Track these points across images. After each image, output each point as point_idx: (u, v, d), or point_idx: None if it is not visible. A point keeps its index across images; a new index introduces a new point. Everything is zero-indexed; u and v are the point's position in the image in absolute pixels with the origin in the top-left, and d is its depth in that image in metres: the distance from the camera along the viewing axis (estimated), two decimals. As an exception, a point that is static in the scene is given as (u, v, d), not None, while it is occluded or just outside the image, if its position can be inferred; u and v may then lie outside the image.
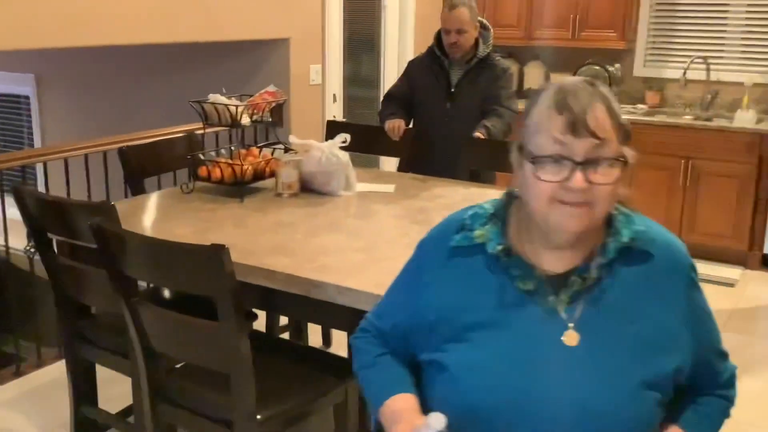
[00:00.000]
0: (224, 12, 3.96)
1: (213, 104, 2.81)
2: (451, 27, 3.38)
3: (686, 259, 1.29)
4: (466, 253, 1.30)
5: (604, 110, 1.17)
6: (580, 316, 1.23)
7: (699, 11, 5.32)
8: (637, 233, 1.26)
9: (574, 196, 1.17)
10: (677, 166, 4.88)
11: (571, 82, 1.20)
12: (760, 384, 3.39)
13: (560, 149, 1.16)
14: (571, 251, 1.24)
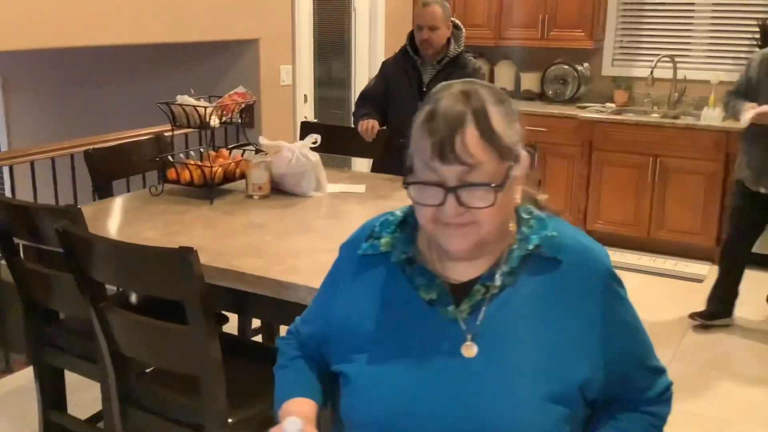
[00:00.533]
0: (192, 13, 3.93)
1: (181, 106, 2.79)
2: (424, 23, 3.40)
3: (603, 267, 1.21)
4: (373, 262, 1.27)
5: (475, 132, 1.10)
6: (479, 327, 1.18)
7: (665, 10, 5.39)
8: (544, 239, 1.20)
9: (455, 219, 1.12)
10: (645, 163, 4.94)
11: (445, 100, 1.13)
12: (728, 380, 3.45)
13: (431, 175, 1.12)
14: (475, 260, 1.20)
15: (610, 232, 5.20)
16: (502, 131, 1.12)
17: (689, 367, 3.52)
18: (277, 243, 2.30)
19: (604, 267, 1.21)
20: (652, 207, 4.96)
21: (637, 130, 4.97)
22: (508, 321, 1.18)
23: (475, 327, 1.18)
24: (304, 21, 4.70)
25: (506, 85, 5.86)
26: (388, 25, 5.40)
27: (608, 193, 5.15)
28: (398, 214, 1.29)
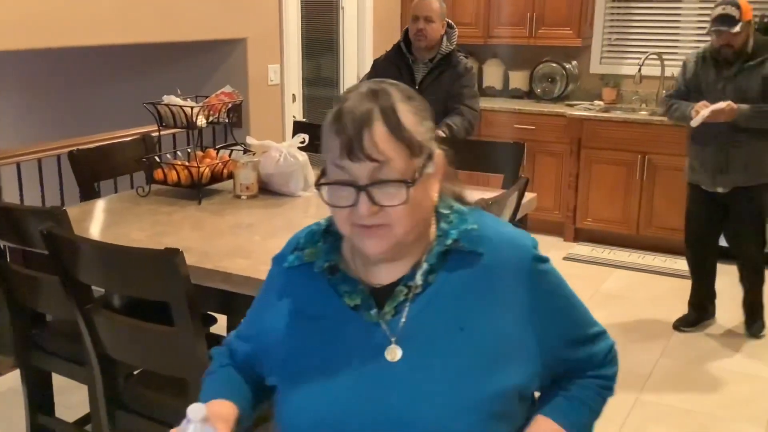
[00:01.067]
0: (179, 12, 3.91)
1: (168, 106, 2.77)
2: (420, 13, 3.42)
3: (528, 252, 1.19)
4: (299, 274, 1.25)
5: (383, 128, 1.09)
6: (402, 329, 1.15)
7: (653, 8, 5.41)
8: (463, 233, 1.17)
9: (367, 220, 1.10)
10: (634, 161, 4.95)
11: (352, 100, 1.11)
12: (717, 376, 3.46)
13: (342, 174, 1.10)
14: (401, 261, 1.17)
15: (599, 229, 5.22)
16: (411, 127, 1.11)
17: (678, 364, 3.54)
18: (265, 243, 2.29)
19: (527, 254, 1.19)
20: (641, 204, 4.97)
21: (625, 128, 4.99)
22: (431, 321, 1.15)
23: (399, 329, 1.16)
24: (292, 20, 4.68)
25: (495, 84, 5.86)
26: (376, 23, 5.39)
27: (597, 191, 5.16)
28: (322, 223, 1.27)
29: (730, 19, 3.26)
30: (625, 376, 3.48)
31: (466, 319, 1.15)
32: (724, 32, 3.29)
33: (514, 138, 4.30)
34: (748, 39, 3.36)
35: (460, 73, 3.49)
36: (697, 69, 3.51)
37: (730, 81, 3.40)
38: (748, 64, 3.38)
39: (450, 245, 1.17)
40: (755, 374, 3.46)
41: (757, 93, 3.36)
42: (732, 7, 3.27)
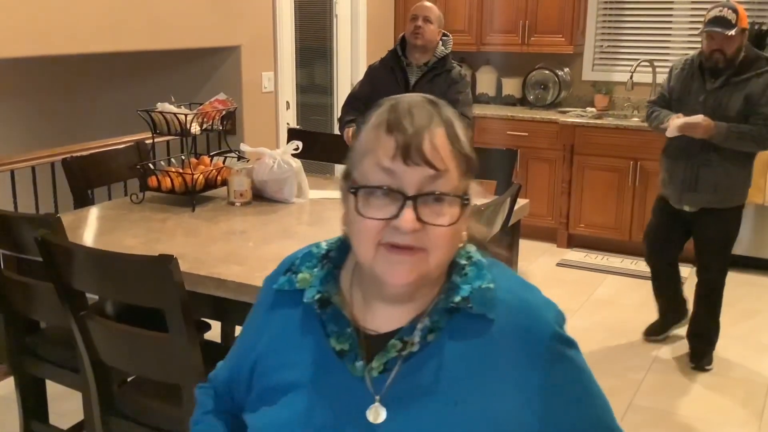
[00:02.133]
0: (172, 20, 3.93)
1: (161, 113, 2.78)
2: (420, 13, 3.47)
3: (547, 328, 1.02)
4: (289, 300, 1.10)
5: (445, 136, 0.97)
6: (389, 389, 1.00)
7: (644, 15, 5.45)
8: (476, 292, 1.01)
9: (404, 239, 0.95)
10: (626, 167, 4.98)
11: (408, 100, 1.00)
12: (708, 381, 3.48)
13: (388, 179, 0.95)
14: (405, 307, 1.03)
15: (592, 235, 5.24)
16: (465, 144, 1.00)
17: (671, 368, 3.55)
18: (258, 249, 2.30)
19: (547, 329, 1.02)
20: (633, 210, 5.00)
21: (617, 134, 5.02)
22: (423, 388, 1.00)
23: (384, 389, 1.01)
24: (286, 27, 4.70)
25: (488, 91, 5.89)
26: (369, 31, 5.41)
27: (590, 197, 5.18)
28: (323, 246, 1.13)
29: (727, 21, 3.12)
30: (617, 382, 3.52)
31: (463, 392, 1.00)
32: (718, 34, 3.14)
33: (507, 144, 4.33)
34: (739, 49, 3.21)
35: (455, 80, 3.52)
36: (682, 76, 3.39)
37: (712, 94, 3.26)
38: (733, 79, 3.22)
39: (458, 303, 1.01)
40: (747, 378, 3.48)
41: (737, 111, 3.21)
42: (729, 10, 3.15)
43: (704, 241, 3.49)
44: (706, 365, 3.54)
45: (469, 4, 5.61)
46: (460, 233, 1.01)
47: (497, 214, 2.36)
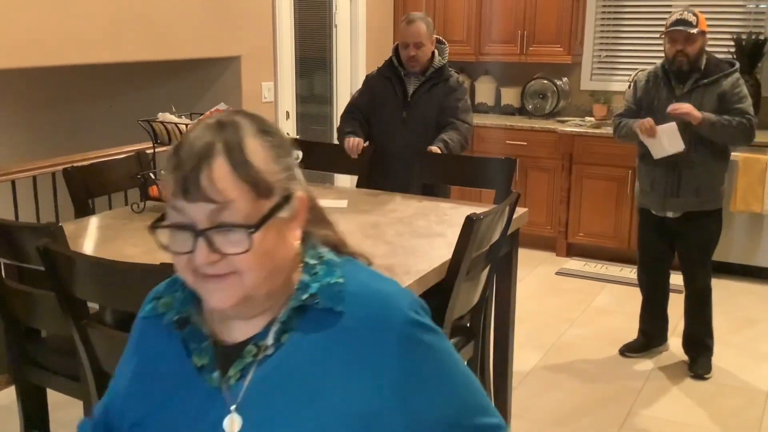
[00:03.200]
0: (172, 30, 3.95)
1: (162, 123, 2.80)
2: (409, 40, 3.46)
3: (399, 314, 1.01)
4: (154, 326, 1.11)
5: (226, 165, 0.94)
6: (245, 396, 1.00)
7: (641, 25, 5.49)
8: (324, 288, 1.02)
9: (207, 269, 0.96)
10: (625, 176, 5.00)
11: (194, 135, 0.97)
12: (708, 389, 3.48)
13: (179, 216, 0.96)
14: (260, 317, 1.03)
15: (591, 244, 5.25)
16: (261, 165, 0.96)
17: (669, 377, 3.56)
18: (259, 258, 2.31)
19: (399, 315, 1.01)
20: (632, 219, 5.01)
21: (615, 144, 4.97)
22: (278, 389, 1.00)
23: (240, 396, 1.01)
24: (286, 38, 4.73)
25: (486, 100, 5.92)
26: (369, 41, 5.44)
27: (589, 206, 5.20)
28: None
29: (688, 22, 3.26)
30: (616, 390, 3.53)
31: (319, 388, 0.99)
32: (680, 32, 3.24)
33: (506, 154, 4.34)
34: (701, 53, 3.31)
35: (453, 87, 3.54)
36: (649, 87, 3.44)
37: (684, 99, 3.31)
38: (701, 81, 3.31)
39: (305, 301, 1.02)
40: (746, 386, 3.48)
41: (712, 111, 3.28)
42: (690, 13, 3.29)
43: (688, 248, 3.53)
44: (704, 374, 3.54)
45: (468, 14, 5.65)
46: (276, 249, 0.98)
47: (496, 222, 2.38)
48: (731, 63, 3.41)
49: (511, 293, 2.94)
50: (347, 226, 2.71)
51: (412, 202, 3.06)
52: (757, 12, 5.11)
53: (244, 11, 4.37)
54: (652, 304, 3.75)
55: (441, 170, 3.38)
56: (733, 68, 3.36)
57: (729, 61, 3.43)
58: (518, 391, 3.35)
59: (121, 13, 3.68)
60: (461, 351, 2.52)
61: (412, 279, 2.10)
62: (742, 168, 4.59)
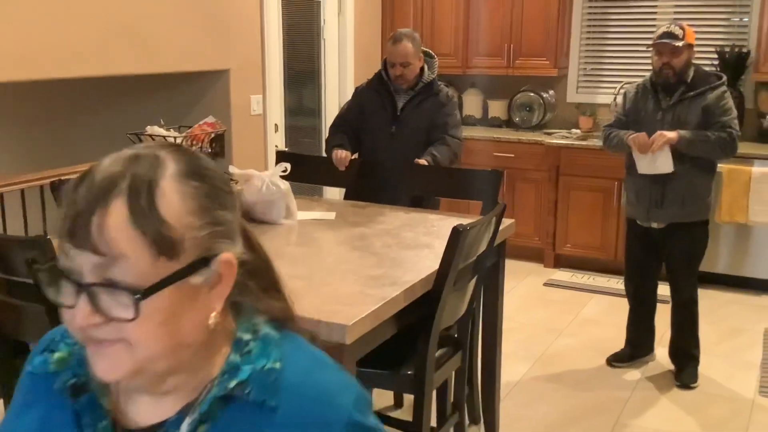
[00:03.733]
0: (161, 44, 3.97)
1: (151, 136, 2.82)
2: (396, 60, 3.48)
3: (341, 416, 0.84)
4: (44, 384, 0.91)
5: (125, 211, 0.76)
6: None
7: (626, 38, 5.55)
8: (257, 374, 0.84)
9: (96, 332, 0.78)
10: (611, 187, 5.05)
11: (104, 164, 0.81)
12: (696, 398, 3.51)
13: (66, 261, 0.78)
14: (171, 396, 0.85)
15: (578, 255, 5.29)
16: (173, 215, 0.78)
17: (657, 386, 3.58)
18: (247, 270, 2.32)
19: (344, 417, 0.85)
20: (619, 230, 5.05)
21: (601, 155, 5.06)
22: None
23: None
24: (274, 51, 4.76)
25: (474, 113, 5.96)
26: (357, 54, 5.48)
27: (576, 217, 5.24)
28: None
29: (674, 35, 3.32)
30: (604, 400, 3.55)
31: None
32: (666, 45, 3.31)
33: (493, 166, 4.38)
34: (688, 65, 3.37)
35: (443, 102, 3.56)
36: (637, 98, 3.51)
37: (669, 111, 3.38)
38: (687, 94, 3.37)
39: (233, 390, 0.84)
40: (732, 396, 3.51)
41: (696, 124, 3.34)
42: (676, 26, 3.35)
43: (674, 259, 3.57)
44: (691, 383, 3.57)
45: (455, 28, 5.70)
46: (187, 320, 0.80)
47: (483, 233, 2.40)
48: (718, 76, 3.45)
49: (498, 304, 2.96)
50: (336, 237, 2.74)
51: (399, 213, 3.08)
52: (740, 25, 5.18)
53: (233, 25, 4.40)
54: (638, 314, 3.78)
55: (429, 182, 3.41)
56: (719, 81, 3.40)
57: (716, 74, 3.47)
58: (506, 402, 3.36)
59: (109, 26, 3.69)
60: (449, 361, 2.53)
61: (399, 290, 2.11)
62: (726, 179, 4.64)
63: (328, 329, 1.86)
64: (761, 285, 4.84)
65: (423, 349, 2.26)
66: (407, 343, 2.35)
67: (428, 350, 2.26)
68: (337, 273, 2.31)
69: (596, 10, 5.62)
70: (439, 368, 2.43)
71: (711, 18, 5.25)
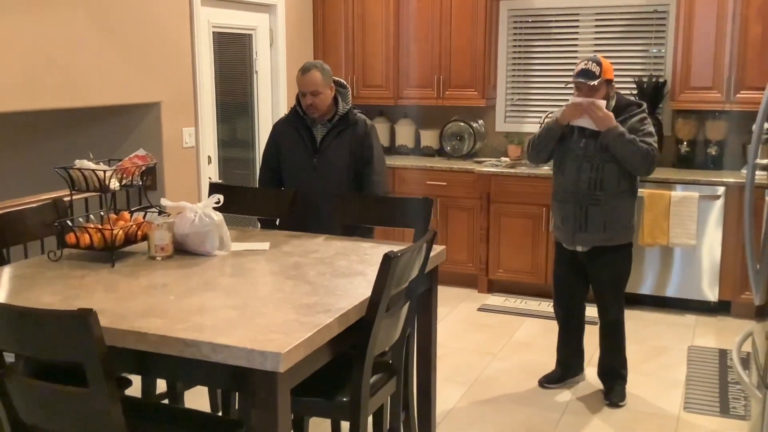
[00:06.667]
0: (90, 77, 3.94)
1: (80, 170, 2.79)
2: (306, 90, 3.52)
3: None
4: None
5: None
6: None
7: (549, 70, 5.76)
8: None
9: None
10: (540, 213, 5.20)
11: None
12: (626, 413, 3.61)
13: None
14: None
15: (510, 280, 5.41)
16: None
17: (585, 407, 3.68)
18: (180, 302, 2.31)
19: None
20: (548, 254, 5.19)
21: (530, 182, 5.24)
22: None
23: None
24: (207, 84, 4.77)
25: (406, 142, 6.07)
26: (289, 86, 5.53)
27: (507, 243, 5.36)
28: None
29: (591, 73, 3.44)
30: (537, 422, 3.62)
31: None
32: (584, 84, 3.45)
33: (426, 194, 4.46)
34: (608, 97, 3.50)
35: (364, 133, 3.59)
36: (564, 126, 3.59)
37: (591, 137, 3.50)
38: None
39: None
40: (658, 413, 3.63)
41: None
42: (593, 63, 3.47)
43: (600, 282, 3.70)
44: (619, 401, 3.68)
45: (386, 59, 5.81)
46: None
47: (414, 259, 2.45)
48: (639, 104, 3.61)
49: (432, 329, 3.01)
50: (270, 267, 2.75)
51: (333, 242, 3.12)
52: (657, 56, 5.44)
53: (163, 58, 4.40)
54: (567, 336, 3.89)
55: (361, 211, 3.45)
56: (639, 108, 3.56)
57: (636, 102, 3.62)
58: (442, 427, 3.40)
59: (37, 60, 3.65)
60: (384, 387, 2.56)
61: (333, 317, 2.14)
62: (648, 203, 4.83)
63: (262, 358, 1.88)
64: (684, 304, 5.04)
65: (357, 375, 2.29)
66: (342, 371, 2.38)
67: (362, 376, 2.29)
68: (271, 302, 2.33)
69: (521, 43, 5.83)
70: (374, 394, 2.46)
71: (629, 49, 5.51)
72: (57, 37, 3.76)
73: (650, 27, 5.45)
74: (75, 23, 3.86)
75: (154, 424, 2.20)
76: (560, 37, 5.71)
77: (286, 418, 1.98)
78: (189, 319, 2.14)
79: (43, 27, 3.68)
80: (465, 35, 5.58)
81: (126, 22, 4.15)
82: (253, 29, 5.32)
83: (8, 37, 3.52)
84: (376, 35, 5.81)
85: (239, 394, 2.65)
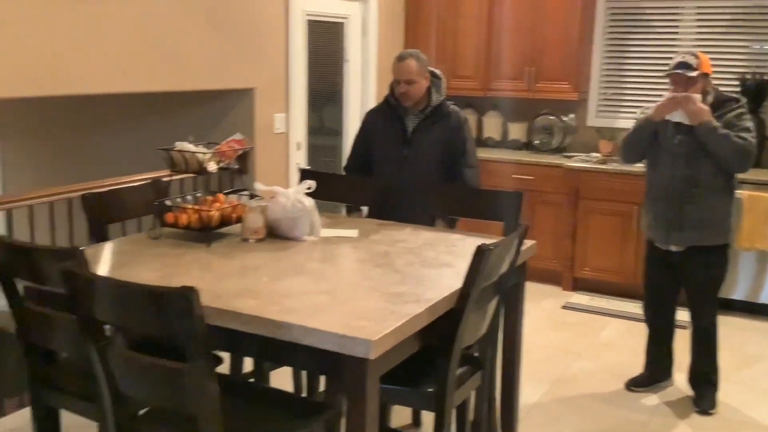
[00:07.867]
0: (188, 62, 4.05)
1: (180, 152, 2.87)
2: (401, 78, 3.51)
3: None
4: None
5: None
6: None
7: (646, 63, 5.58)
8: None
9: None
10: (630, 212, 5.05)
11: None
12: (713, 423, 3.49)
13: None
14: None
15: (596, 278, 5.29)
16: None
17: (674, 412, 3.57)
18: (272, 285, 2.36)
19: None
20: (637, 254, 5.04)
21: (621, 180, 5.10)
22: None
23: None
24: (299, 71, 4.83)
25: (494, 135, 6.01)
26: (379, 75, 5.54)
27: (594, 241, 5.24)
28: None
29: (688, 65, 3.34)
30: (623, 423, 3.53)
31: None
32: (681, 76, 3.33)
33: (513, 188, 4.39)
34: (704, 92, 3.38)
35: (457, 126, 3.56)
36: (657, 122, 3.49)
37: (687, 134, 3.38)
38: None
39: None
40: (750, 422, 3.49)
41: None
42: (691, 56, 3.37)
43: (693, 285, 3.57)
44: (709, 409, 3.56)
45: (476, 50, 5.76)
46: None
47: (506, 253, 2.43)
48: (737, 99, 3.46)
49: (518, 325, 2.97)
50: (358, 254, 2.77)
51: (421, 232, 3.11)
52: (761, 53, 5.20)
53: (258, 45, 4.48)
54: (657, 339, 3.78)
55: (452, 202, 3.43)
56: (738, 104, 3.42)
57: (735, 98, 3.48)
58: (524, 423, 3.36)
59: (137, 44, 3.78)
60: (469, 380, 2.55)
61: (423, 307, 2.14)
62: (746, 205, 4.63)
63: (353, 344, 1.89)
64: (781, 312, 4.81)
65: (444, 366, 2.28)
66: (427, 361, 2.37)
67: (450, 368, 2.28)
68: (360, 289, 2.35)
69: (617, 35, 5.67)
70: (459, 387, 2.45)
71: (732, 45, 5.28)
72: (158, 22, 3.88)
73: (754, 23, 5.21)
74: (176, 9, 3.97)
75: (244, 401, 2.26)
76: (659, 31, 5.53)
77: (374, 405, 1.99)
78: (281, 302, 2.18)
79: (145, 12, 3.81)
80: (559, 27, 5.47)
81: (224, 9, 4.25)
82: (346, 17, 5.36)
83: (115, 21, 3.65)
84: (468, 25, 5.76)
85: (326, 378, 2.69)
